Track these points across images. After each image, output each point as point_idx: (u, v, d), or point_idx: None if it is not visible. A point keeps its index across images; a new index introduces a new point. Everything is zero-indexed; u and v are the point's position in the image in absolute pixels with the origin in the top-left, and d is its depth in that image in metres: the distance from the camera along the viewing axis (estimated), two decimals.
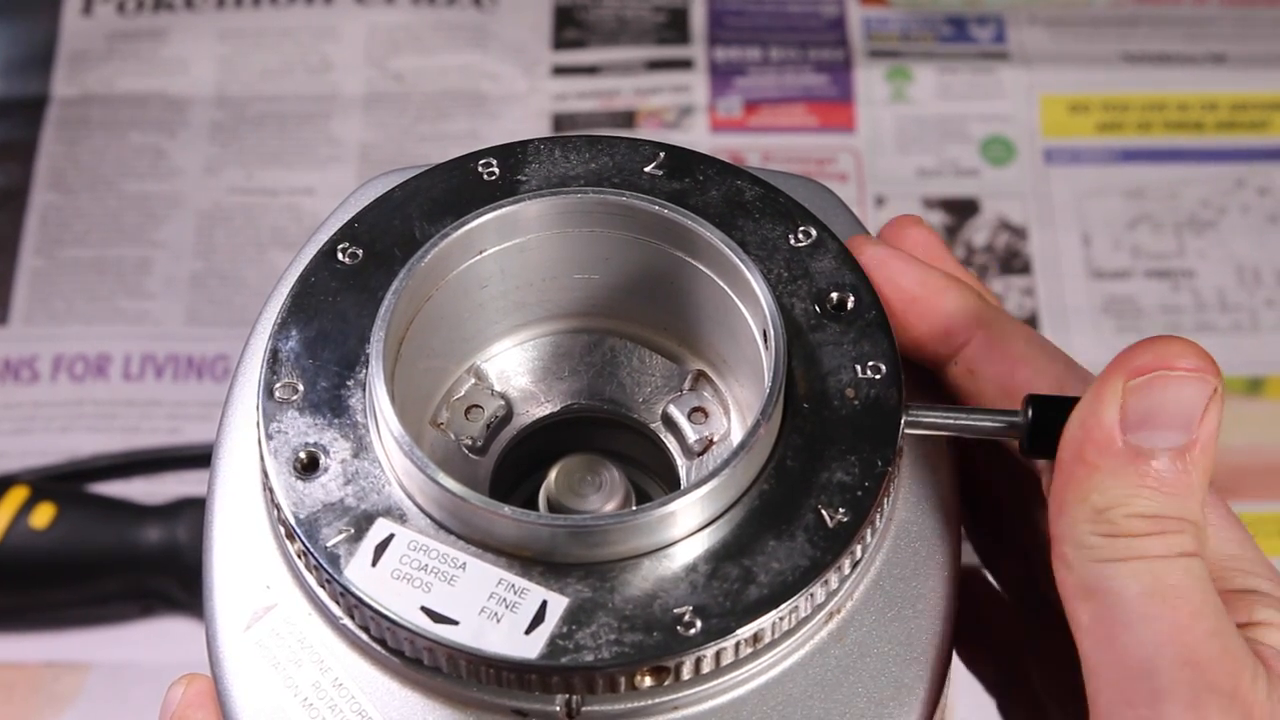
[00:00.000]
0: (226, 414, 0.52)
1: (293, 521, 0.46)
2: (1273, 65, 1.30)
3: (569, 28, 1.34)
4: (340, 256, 0.51)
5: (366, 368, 0.49)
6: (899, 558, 0.49)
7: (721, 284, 0.51)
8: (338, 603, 0.47)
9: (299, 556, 0.47)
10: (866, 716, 0.47)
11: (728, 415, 0.54)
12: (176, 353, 1.18)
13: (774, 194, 0.52)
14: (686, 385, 0.54)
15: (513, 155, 0.53)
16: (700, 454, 0.53)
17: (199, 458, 1.08)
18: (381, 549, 0.46)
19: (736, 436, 0.53)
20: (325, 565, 0.46)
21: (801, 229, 0.52)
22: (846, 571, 0.47)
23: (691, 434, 0.53)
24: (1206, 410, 0.44)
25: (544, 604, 0.45)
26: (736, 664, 0.46)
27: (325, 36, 1.33)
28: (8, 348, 1.17)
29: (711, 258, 0.51)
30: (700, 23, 1.33)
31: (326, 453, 0.47)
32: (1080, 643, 0.45)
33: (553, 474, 0.51)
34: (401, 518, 0.46)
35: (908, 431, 0.49)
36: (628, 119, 1.29)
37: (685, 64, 1.32)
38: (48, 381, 1.17)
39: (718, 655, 0.46)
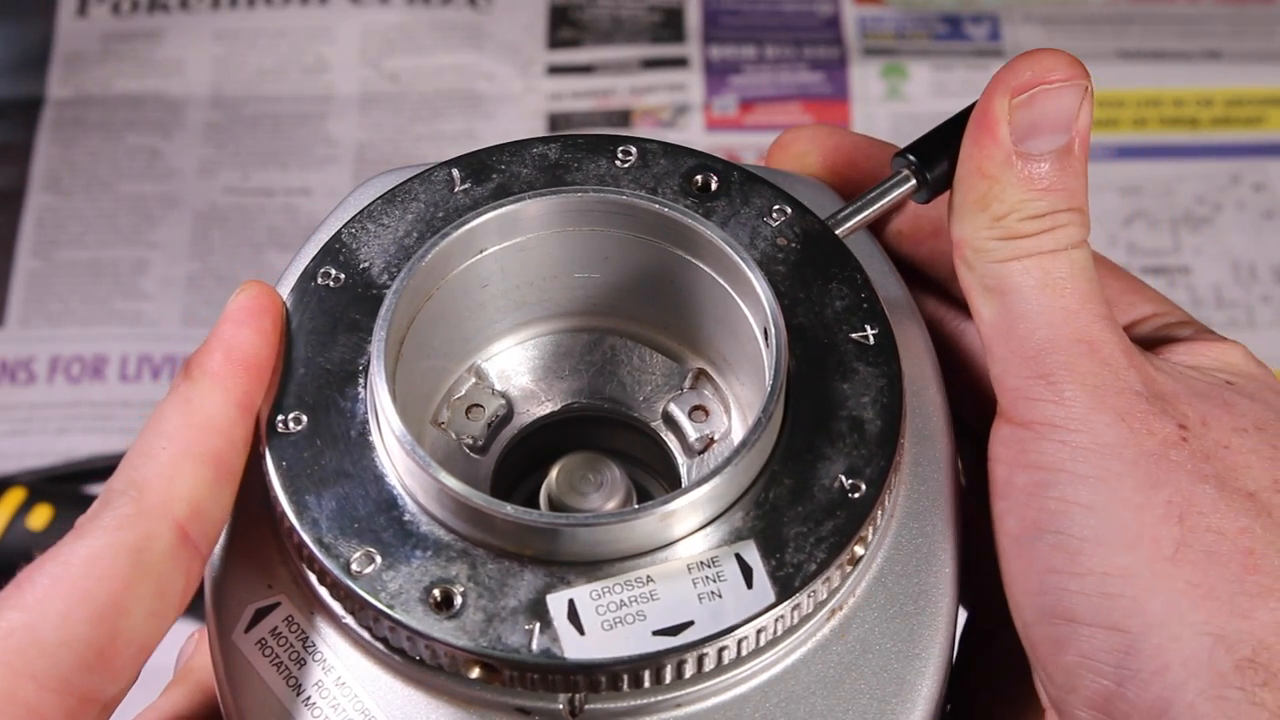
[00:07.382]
0: None
1: (490, 654, 0.45)
2: (1268, 61, 1.30)
3: (564, 27, 1.34)
4: (289, 427, 0.49)
5: (408, 503, 0.48)
6: (901, 554, 0.49)
7: (722, 282, 0.51)
8: (351, 610, 0.46)
9: (511, 674, 0.46)
10: (869, 714, 0.47)
11: (728, 413, 0.54)
12: (173, 353, 1.18)
13: (572, 139, 0.53)
14: (687, 384, 0.54)
15: (338, 253, 0.51)
16: (701, 452, 0.53)
17: None
18: (574, 616, 0.45)
19: (737, 435, 0.53)
20: (548, 665, 0.45)
21: (620, 150, 0.53)
22: (851, 568, 0.47)
23: (692, 432, 0.53)
24: (1080, 110, 0.50)
25: (738, 557, 0.46)
26: (739, 661, 0.46)
27: (320, 37, 1.33)
28: (4, 349, 1.17)
29: (712, 256, 0.51)
30: (695, 21, 1.33)
31: (451, 582, 0.46)
32: (985, 336, 0.51)
33: (554, 473, 0.51)
34: (564, 579, 0.46)
35: (844, 238, 0.52)
36: (623, 118, 1.29)
37: (680, 62, 1.32)
38: (44, 383, 1.16)
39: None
